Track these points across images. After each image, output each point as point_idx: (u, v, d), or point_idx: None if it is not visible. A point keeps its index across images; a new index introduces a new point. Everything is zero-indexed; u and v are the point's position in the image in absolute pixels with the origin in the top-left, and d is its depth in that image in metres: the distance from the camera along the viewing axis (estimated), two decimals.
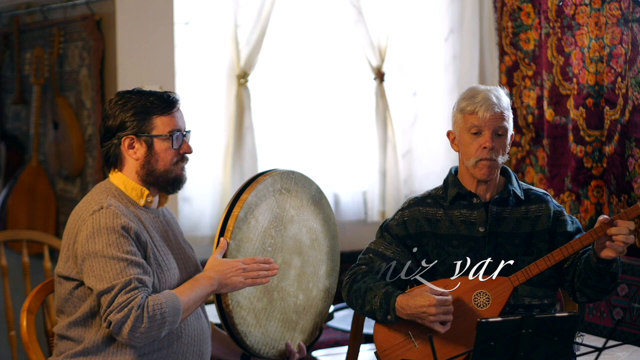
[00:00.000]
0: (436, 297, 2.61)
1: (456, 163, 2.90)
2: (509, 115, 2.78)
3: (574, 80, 3.99)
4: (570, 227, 2.81)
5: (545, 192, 2.88)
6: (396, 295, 2.69)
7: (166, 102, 2.66)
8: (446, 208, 2.84)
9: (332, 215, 3.05)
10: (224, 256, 2.69)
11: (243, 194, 2.77)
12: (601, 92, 3.88)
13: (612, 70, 3.81)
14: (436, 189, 2.91)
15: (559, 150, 4.09)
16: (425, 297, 2.62)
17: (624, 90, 3.74)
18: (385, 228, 2.90)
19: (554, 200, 2.87)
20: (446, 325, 2.62)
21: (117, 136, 2.65)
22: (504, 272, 2.73)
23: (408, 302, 2.65)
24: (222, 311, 2.72)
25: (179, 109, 2.69)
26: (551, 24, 4.10)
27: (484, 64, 4.85)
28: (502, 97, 2.79)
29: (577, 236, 2.75)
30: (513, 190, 2.81)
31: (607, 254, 2.61)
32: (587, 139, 3.94)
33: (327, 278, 3.02)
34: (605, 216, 2.63)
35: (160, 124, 2.65)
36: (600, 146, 3.90)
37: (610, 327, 3.79)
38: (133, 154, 2.65)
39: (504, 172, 2.86)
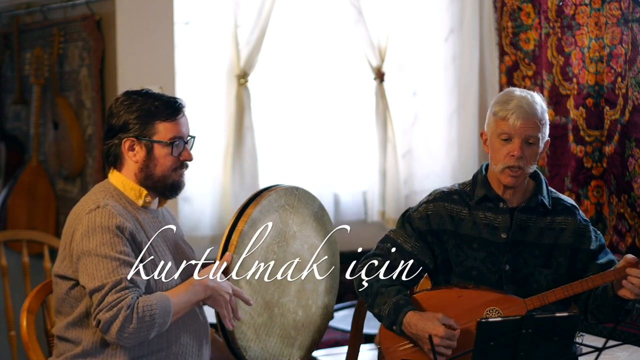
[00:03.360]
0: (445, 329, 2.60)
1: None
2: (544, 123, 2.72)
3: (574, 80, 3.99)
4: (593, 245, 2.76)
5: (574, 204, 2.82)
6: (407, 310, 2.67)
7: (171, 108, 2.65)
8: (471, 207, 2.79)
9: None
10: (226, 269, 2.69)
11: (247, 208, 2.76)
12: (601, 92, 3.88)
13: (612, 70, 3.81)
14: (464, 184, 2.86)
15: (559, 150, 4.09)
16: (435, 326, 2.61)
17: (624, 90, 3.74)
18: (407, 219, 2.86)
19: (581, 213, 2.81)
20: (441, 357, 2.61)
21: (118, 136, 2.65)
22: (517, 283, 2.71)
23: (417, 323, 2.64)
24: (223, 325, 2.72)
25: (184, 115, 2.68)
26: (551, 24, 4.10)
27: (484, 64, 4.84)
28: (537, 105, 2.72)
29: (600, 256, 2.73)
30: (542, 199, 2.76)
31: (623, 293, 2.59)
32: (587, 139, 3.94)
33: (326, 295, 3.01)
34: (633, 256, 2.59)
35: (162, 130, 2.64)
36: (600, 146, 3.89)
37: (610, 327, 3.79)
38: (133, 156, 2.65)
39: (536, 178, 2.81)
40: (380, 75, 4.77)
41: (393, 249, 2.82)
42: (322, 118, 4.75)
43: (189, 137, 2.70)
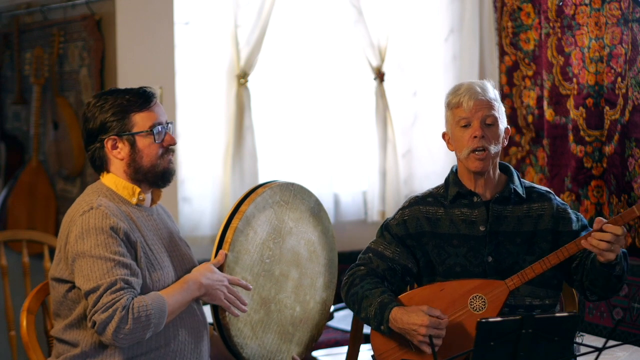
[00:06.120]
0: (429, 318, 2.60)
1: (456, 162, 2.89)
2: (499, 106, 2.76)
3: (574, 80, 3.99)
4: (575, 226, 2.78)
5: (548, 190, 2.84)
6: (391, 307, 2.68)
7: (143, 98, 2.66)
8: (447, 207, 2.82)
9: (330, 227, 3.06)
10: (222, 267, 2.70)
11: (242, 205, 2.77)
12: (601, 92, 3.88)
13: (612, 70, 3.81)
14: (437, 188, 2.89)
15: (559, 150, 4.09)
16: (420, 316, 2.61)
17: (624, 90, 3.74)
18: (385, 227, 2.89)
19: (557, 197, 2.83)
20: (429, 348, 2.61)
21: (99, 139, 2.65)
22: (502, 274, 2.72)
23: (402, 317, 2.65)
24: (219, 322, 2.72)
25: (157, 103, 2.69)
26: (551, 24, 4.10)
27: (484, 64, 4.85)
28: (488, 88, 2.77)
29: (582, 234, 2.73)
30: (514, 189, 2.78)
31: (605, 257, 2.59)
32: (587, 139, 3.94)
33: (324, 290, 3.02)
34: (601, 218, 2.60)
35: (139, 121, 2.65)
36: (600, 146, 3.90)
37: (610, 327, 3.79)
38: (117, 154, 2.65)
39: (506, 170, 2.83)
40: (380, 75, 4.77)
41: (375, 257, 2.84)
42: (322, 118, 4.76)
43: (167, 123, 2.70)
